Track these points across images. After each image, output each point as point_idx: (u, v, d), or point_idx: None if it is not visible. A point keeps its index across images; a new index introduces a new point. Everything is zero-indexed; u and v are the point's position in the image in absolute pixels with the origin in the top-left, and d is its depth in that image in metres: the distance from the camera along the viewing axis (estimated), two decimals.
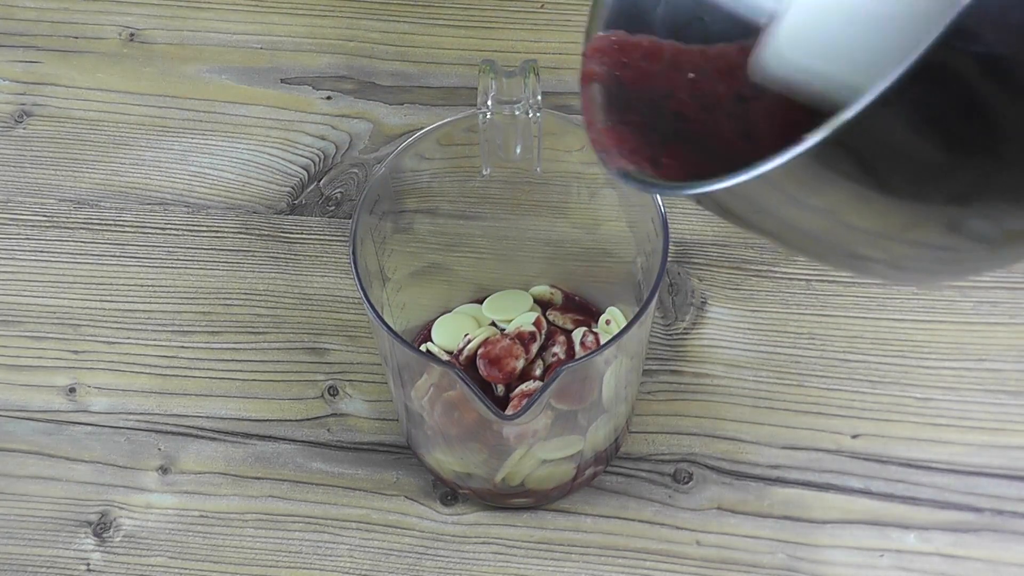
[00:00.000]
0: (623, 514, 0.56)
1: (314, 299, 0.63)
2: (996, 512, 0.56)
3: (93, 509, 0.57)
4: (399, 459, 0.58)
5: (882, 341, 0.61)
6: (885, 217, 0.31)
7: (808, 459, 0.58)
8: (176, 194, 0.67)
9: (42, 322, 0.63)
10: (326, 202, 0.66)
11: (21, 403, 0.61)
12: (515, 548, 0.56)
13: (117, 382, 0.61)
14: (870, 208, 0.31)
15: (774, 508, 0.56)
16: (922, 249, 0.33)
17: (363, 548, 0.56)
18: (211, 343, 0.62)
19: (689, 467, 0.58)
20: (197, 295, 0.64)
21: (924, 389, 0.59)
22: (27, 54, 0.73)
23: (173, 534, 0.57)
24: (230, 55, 0.72)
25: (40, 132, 0.70)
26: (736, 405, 0.59)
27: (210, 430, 0.59)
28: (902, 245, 0.33)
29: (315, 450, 0.59)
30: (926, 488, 0.57)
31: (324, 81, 0.71)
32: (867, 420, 0.58)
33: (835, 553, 0.55)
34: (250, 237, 0.65)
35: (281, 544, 0.56)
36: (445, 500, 0.57)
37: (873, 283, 0.62)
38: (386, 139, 0.69)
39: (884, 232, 0.32)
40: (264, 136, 0.69)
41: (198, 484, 0.58)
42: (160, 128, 0.70)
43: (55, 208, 0.67)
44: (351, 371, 0.61)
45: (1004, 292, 0.62)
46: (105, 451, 0.59)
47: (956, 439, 0.58)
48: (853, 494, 0.57)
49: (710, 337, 0.61)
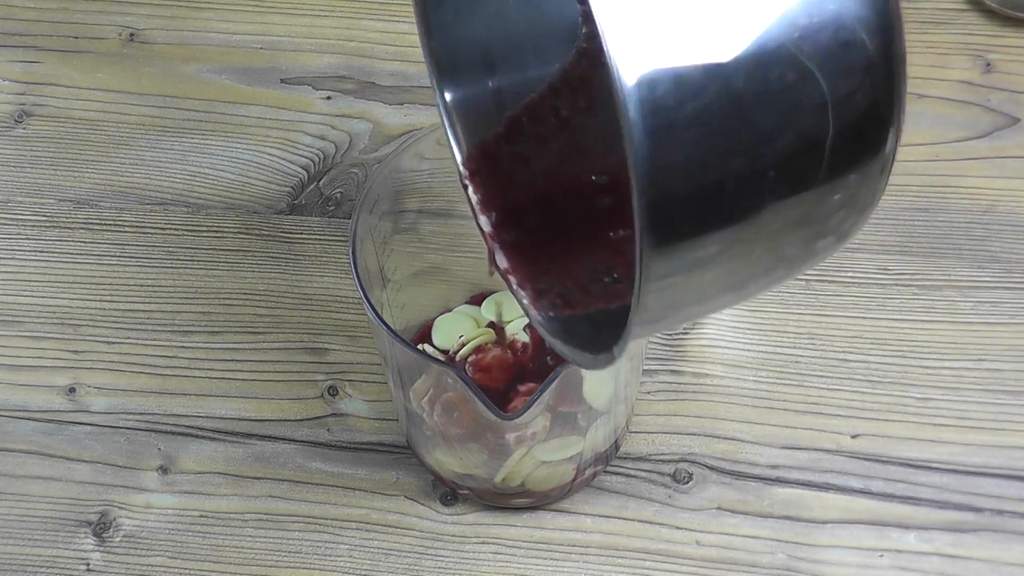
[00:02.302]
0: (623, 514, 0.56)
1: (314, 299, 0.63)
2: (996, 512, 0.56)
3: (93, 509, 0.57)
4: (399, 459, 0.58)
5: (882, 341, 0.61)
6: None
7: (808, 459, 0.58)
8: (176, 194, 0.67)
9: (42, 322, 0.63)
10: (326, 202, 0.66)
11: (21, 403, 0.60)
12: (515, 548, 0.56)
13: (117, 382, 0.61)
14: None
15: (774, 508, 0.56)
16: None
17: (363, 548, 0.56)
18: (211, 343, 0.62)
19: (689, 467, 0.57)
20: (197, 295, 0.64)
21: (924, 389, 0.59)
22: (27, 54, 0.73)
23: (173, 534, 0.57)
24: (230, 55, 0.72)
25: (40, 132, 0.70)
26: (736, 405, 0.59)
27: (210, 430, 0.59)
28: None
29: (315, 450, 0.59)
30: (926, 488, 0.57)
31: (324, 81, 0.71)
32: (867, 420, 0.58)
33: (835, 553, 0.55)
34: (250, 237, 0.65)
35: (281, 544, 0.56)
36: (445, 500, 0.57)
37: (873, 284, 0.62)
38: (386, 139, 0.69)
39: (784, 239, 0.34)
40: (264, 136, 0.69)
41: (198, 484, 0.58)
42: (160, 128, 0.70)
43: (55, 208, 0.67)
44: (351, 371, 0.61)
45: (1004, 292, 0.62)
46: (105, 451, 0.59)
47: (956, 439, 0.58)
48: (853, 494, 0.57)
49: (710, 337, 0.61)
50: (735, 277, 0.34)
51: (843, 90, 0.31)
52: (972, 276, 0.62)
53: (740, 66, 0.30)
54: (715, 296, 0.35)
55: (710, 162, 0.31)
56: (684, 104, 0.30)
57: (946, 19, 0.72)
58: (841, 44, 0.31)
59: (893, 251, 0.63)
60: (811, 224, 0.34)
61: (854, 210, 0.34)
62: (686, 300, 0.34)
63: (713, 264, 0.32)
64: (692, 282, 0.33)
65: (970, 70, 0.70)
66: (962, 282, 0.62)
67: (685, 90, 0.29)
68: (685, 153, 0.30)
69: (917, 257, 0.63)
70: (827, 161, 0.32)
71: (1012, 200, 0.65)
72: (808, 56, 0.30)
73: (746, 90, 0.30)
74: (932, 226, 0.64)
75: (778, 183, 0.32)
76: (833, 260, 0.63)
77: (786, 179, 0.32)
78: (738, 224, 0.32)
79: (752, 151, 0.31)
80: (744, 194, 0.31)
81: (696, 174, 0.30)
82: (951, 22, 0.72)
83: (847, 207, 0.34)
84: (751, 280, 0.35)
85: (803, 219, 0.33)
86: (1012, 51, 0.71)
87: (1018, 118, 0.68)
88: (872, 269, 0.63)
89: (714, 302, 0.36)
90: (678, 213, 0.31)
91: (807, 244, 0.35)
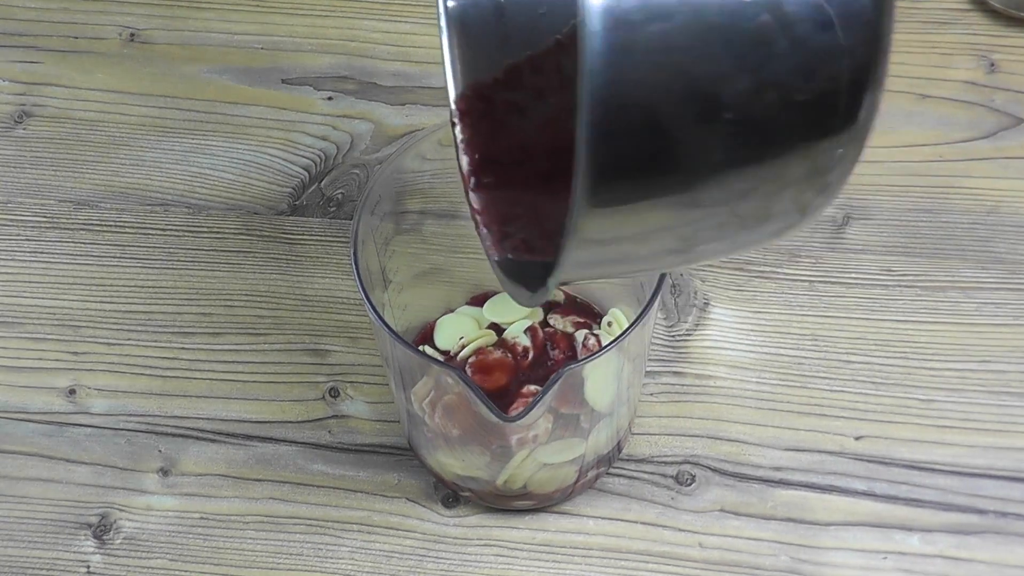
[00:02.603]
0: (625, 516, 0.56)
1: (315, 300, 0.63)
2: (1000, 514, 0.56)
3: (93, 511, 0.57)
4: (400, 461, 0.58)
5: (885, 342, 0.60)
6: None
7: (811, 461, 0.57)
8: (177, 195, 0.67)
9: (42, 323, 0.63)
10: (327, 203, 0.66)
11: (21, 405, 0.60)
12: (517, 550, 0.56)
13: (117, 383, 0.61)
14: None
15: (777, 510, 0.56)
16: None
17: (364, 550, 0.56)
18: (212, 344, 0.62)
19: (692, 469, 0.57)
20: (198, 296, 0.63)
21: (927, 391, 0.59)
22: (27, 54, 0.73)
23: (174, 536, 0.56)
24: (231, 55, 0.72)
25: (40, 133, 0.70)
26: (739, 407, 0.59)
27: (211, 432, 0.59)
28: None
29: (316, 452, 0.58)
30: (929, 490, 0.56)
31: (325, 81, 0.71)
32: (870, 422, 0.58)
33: (838, 555, 0.55)
34: (251, 238, 0.65)
35: (282, 546, 0.56)
36: (447, 502, 0.57)
37: (876, 285, 0.62)
38: (387, 139, 0.69)
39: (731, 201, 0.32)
40: (265, 137, 0.69)
41: (199, 486, 0.58)
42: (161, 129, 0.70)
43: (55, 209, 0.67)
44: (352, 372, 0.61)
45: (1008, 293, 0.62)
46: (105, 453, 0.59)
47: (960, 441, 0.58)
48: (856, 496, 0.56)
49: (713, 338, 0.61)
50: (682, 227, 0.32)
51: (819, 46, 0.30)
52: (976, 277, 0.62)
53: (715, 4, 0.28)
54: (659, 242, 0.33)
55: (667, 92, 0.29)
56: (649, 23, 0.28)
57: (950, 19, 0.72)
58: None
59: (897, 252, 0.63)
60: (767, 183, 0.32)
61: (817, 181, 0.32)
62: (625, 241, 0.32)
63: (658, 206, 0.31)
64: (633, 221, 0.31)
65: (974, 70, 0.70)
66: (966, 283, 0.62)
67: (652, 10, 0.28)
68: (641, 76, 0.28)
69: (921, 258, 0.63)
70: (791, 118, 0.30)
71: (1016, 201, 0.65)
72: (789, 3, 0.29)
73: (717, 21, 0.28)
74: (936, 227, 0.64)
75: (736, 129, 0.30)
76: (836, 261, 0.63)
77: (745, 127, 0.30)
78: (687, 166, 0.30)
79: (713, 88, 0.29)
80: (697, 134, 0.29)
81: (649, 102, 0.29)
82: (955, 22, 0.72)
83: (809, 175, 0.32)
84: (700, 234, 0.33)
85: (758, 176, 0.31)
86: (1016, 51, 0.71)
87: (1022, 118, 0.68)
88: (875, 270, 0.63)
89: (658, 249, 0.34)
90: (625, 142, 0.29)
91: (763, 205, 0.33)
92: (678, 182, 0.30)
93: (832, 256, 0.63)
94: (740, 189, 0.32)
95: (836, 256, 0.63)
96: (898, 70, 0.70)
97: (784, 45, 0.30)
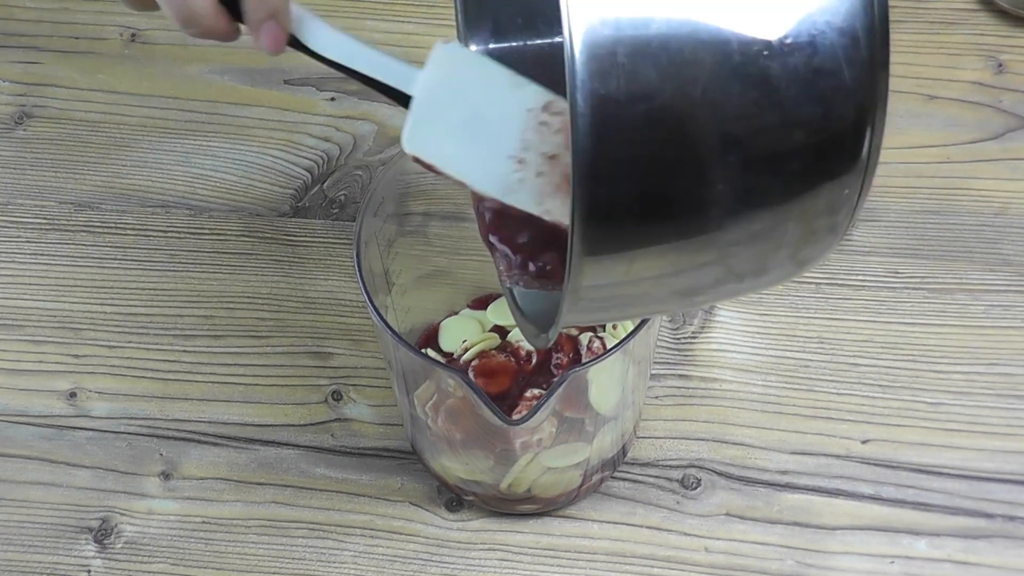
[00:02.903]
0: (631, 520, 0.56)
1: (318, 303, 0.63)
2: (1008, 518, 0.55)
3: (94, 515, 0.57)
4: (404, 464, 0.58)
5: (892, 345, 0.60)
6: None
7: (818, 464, 0.57)
8: (178, 196, 0.67)
9: (42, 326, 0.62)
10: (330, 204, 0.66)
11: (21, 408, 0.60)
12: (521, 555, 0.55)
13: (118, 386, 0.60)
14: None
15: (783, 514, 0.56)
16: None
17: (367, 554, 0.55)
18: (213, 347, 0.61)
19: (697, 472, 0.57)
20: (199, 298, 0.63)
21: (935, 394, 0.59)
22: (28, 55, 0.73)
23: (175, 540, 0.56)
24: (232, 56, 0.72)
25: (41, 134, 0.69)
26: (745, 410, 0.59)
27: (212, 435, 0.59)
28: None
29: (319, 455, 0.58)
30: (937, 494, 0.56)
31: (328, 82, 0.71)
32: (877, 425, 0.58)
33: (845, 559, 0.55)
34: (253, 240, 0.65)
35: (284, 550, 0.56)
36: (450, 506, 0.56)
37: (883, 287, 0.62)
38: (390, 141, 0.68)
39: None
40: (267, 138, 0.69)
41: (200, 490, 0.57)
42: (162, 130, 0.69)
43: (56, 210, 0.66)
44: (355, 375, 0.60)
45: (1016, 295, 0.61)
46: (106, 456, 0.58)
47: (967, 444, 0.57)
48: (863, 500, 0.56)
49: (718, 341, 0.61)
50: (679, 277, 0.34)
51: (809, 113, 0.31)
52: (984, 279, 0.62)
53: (702, 78, 0.30)
54: (657, 289, 0.35)
55: (658, 157, 0.31)
56: (633, 103, 0.30)
57: (957, 19, 0.72)
58: (812, 70, 0.30)
59: (904, 254, 0.63)
60: (763, 241, 0.33)
61: (813, 234, 0.34)
62: (623, 289, 0.34)
63: (654, 254, 0.32)
64: (631, 271, 0.33)
65: (982, 71, 0.69)
66: (974, 285, 0.62)
67: (636, 92, 0.30)
68: (630, 150, 0.30)
69: (928, 260, 0.63)
70: (783, 176, 0.32)
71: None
72: (775, 71, 0.30)
73: (704, 100, 0.30)
74: (943, 229, 0.64)
75: (729, 186, 0.31)
76: (843, 263, 0.63)
77: (738, 183, 0.31)
78: (681, 223, 0.32)
79: (705, 155, 0.31)
80: (692, 194, 0.31)
81: (635, 176, 0.31)
82: (962, 23, 0.71)
83: (804, 228, 0.33)
84: (697, 285, 0.35)
85: (754, 233, 0.33)
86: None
87: None
88: (883, 272, 0.62)
89: (657, 296, 0.35)
90: (620, 204, 0.31)
91: (759, 260, 0.34)
92: (673, 233, 0.32)
93: (839, 258, 0.63)
94: (736, 237, 0.33)
95: (843, 258, 0.63)
96: (905, 71, 0.69)
97: (771, 123, 0.31)
